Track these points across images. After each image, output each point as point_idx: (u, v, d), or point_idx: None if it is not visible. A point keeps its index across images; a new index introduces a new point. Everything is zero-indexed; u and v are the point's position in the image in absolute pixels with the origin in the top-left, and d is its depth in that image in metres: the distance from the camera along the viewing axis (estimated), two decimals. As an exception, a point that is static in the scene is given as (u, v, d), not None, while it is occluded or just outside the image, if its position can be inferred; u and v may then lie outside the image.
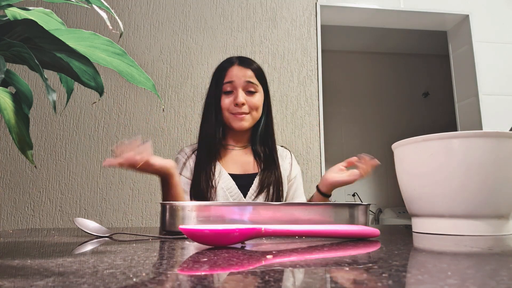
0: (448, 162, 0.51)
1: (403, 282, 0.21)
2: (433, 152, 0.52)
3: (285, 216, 0.54)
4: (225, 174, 1.00)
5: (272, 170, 1.02)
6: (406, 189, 0.58)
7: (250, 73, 1.02)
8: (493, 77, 2.14)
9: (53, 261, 0.30)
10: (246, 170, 1.03)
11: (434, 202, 0.53)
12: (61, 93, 1.77)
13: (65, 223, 1.73)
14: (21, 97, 0.38)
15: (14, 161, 1.76)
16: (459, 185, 0.50)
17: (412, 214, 0.59)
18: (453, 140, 0.51)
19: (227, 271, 0.25)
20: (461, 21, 2.23)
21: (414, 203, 0.57)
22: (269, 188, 1.00)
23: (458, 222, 0.51)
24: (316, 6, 2.07)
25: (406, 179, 0.58)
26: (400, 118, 3.39)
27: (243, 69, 1.01)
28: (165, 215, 0.57)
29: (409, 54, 3.51)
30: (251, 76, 1.01)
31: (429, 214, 0.54)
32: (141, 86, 0.41)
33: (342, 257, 0.32)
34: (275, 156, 1.05)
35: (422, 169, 0.54)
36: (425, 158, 0.53)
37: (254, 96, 1.01)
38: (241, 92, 0.99)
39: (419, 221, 0.57)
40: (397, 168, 0.60)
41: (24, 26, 0.33)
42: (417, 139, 0.54)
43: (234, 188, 0.99)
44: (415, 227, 0.58)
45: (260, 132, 1.06)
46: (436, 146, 0.52)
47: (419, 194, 0.55)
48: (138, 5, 1.97)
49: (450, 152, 0.51)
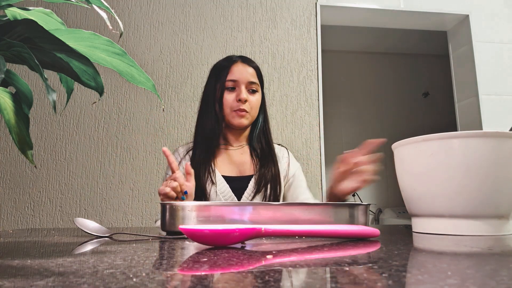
0: (448, 162, 0.51)
1: (403, 282, 0.21)
2: (433, 152, 0.52)
3: (285, 216, 0.54)
4: (219, 177, 0.99)
5: (270, 167, 1.01)
6: (406, 189, 0.58)
7: (252, 71, 1.03)
8: (493, 77, 2.14)
9: (53, 261, 0.30)
10: (242, 172, 1.02)
11: (434, 202, 0.52)
12: (61, 93, 1.77)
13: (65, 223, 1.73)
14: (21, 97, 0.38)
15: (14, 161, 1.76)
16: (459, 185, 0.50)
17: (412, 214, 0.59)
18: (453, 140, 0.51)
19: (227, 271, 0.25)
20: (461, 21, 2.23)
21: (414, 203, 0.56)
22: (266, 187, 0.99)
23: (458, 222, 0.51)
24: (316, 6, 2.07)
25: (406, 179, 0.57)
26: (400, 118, 3.39)
27: (246, 66, 1.02)
28: (165, 215, 0.57)
29: (409, 54, 3.51)
30: (253, 75, 1.02)
31: (429, 214, 0.54)
32: (141, 86, 0.41)
33: (342, 257, 0.32)
34: (272, 152, 1.05)
35: (422, 169, 0.54)
36: (425, 158, 0.53)
37: (255, 95, 1.03)
38: (244, 90, 1.00)
39: (419, 221, 0.57)
40: (397, 168, 0.60)
41: (24, 26, 0.33)
42: (417, 139, 0.54)
43: (228, 191, 0.97)
44: (415, 227, 0.58)
45: (258, 129, 1.07)
46: (436, 146, 0.52)
47: (419, 194, 0.55)
48: (138, 5, 1.97)
49: (450, 152, 0.51)
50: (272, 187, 1.00)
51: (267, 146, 1.06)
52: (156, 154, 1.84)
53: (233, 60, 1.03)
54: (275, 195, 1.00)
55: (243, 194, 0.98)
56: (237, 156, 1.05)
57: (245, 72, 1.01)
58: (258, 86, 1.03)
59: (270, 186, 0.99)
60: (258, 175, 1.00)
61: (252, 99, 1.01)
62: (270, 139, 1.08)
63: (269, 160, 1.03)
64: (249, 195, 0.98)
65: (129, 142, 1.83)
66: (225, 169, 1.02)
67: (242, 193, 0.98)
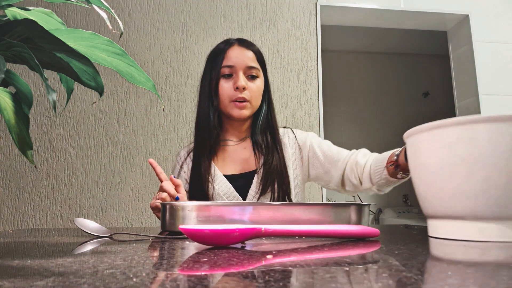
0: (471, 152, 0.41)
1: (403, 282, 0.21)
2: (452, 140, 0.43)
3: (285, 216, 0.54)
4: (221, 177, 0.92)
5: (275, 163, 0.91)
6: (420, 185, 0.49)
7: (251, 54, 0.92)
8: (493, 77, 2.14)
9: (53, 261, 0.30)
10: (245, 168, 0.94)
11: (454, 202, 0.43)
12: (61, 93, 1.77)
13: (65, 223, 1.73)
14: (21, 97, 0.38)
15: (14, 161, 1.76)
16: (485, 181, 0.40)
17: (427, 216, 0.49)
18: (478, 126, 0.41)
19: (227, 271, 0.25)
20: (461, 21, 2.23)
21: (429, 202, 0.47)
22: (274, 186, 0.89)
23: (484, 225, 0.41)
24: (316, 6, 2.07)
25: (420, 174, 0.48)
26: (400, 118, 3.39)
27: (244, 49, 0.92)
28: (165, 215, 0.57)
29: (409, 54, 3.51)
30: (252, 59, 0.92)
31: (448, 215, 0.45)
32: (141, 86, 0.41)
33: (342, 257, 0.32)
34: (278, 146, 0.94)
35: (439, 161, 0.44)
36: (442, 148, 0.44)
37: (255, 82, 0.92)
38: (242, 76, 0.90)
39: (435, 224, 0.47)
40: (410, 161, 0.51)
41: (24, 26, 0.33)
42: (432, 125, 0.45)
43: (232, 191, 0.91)
44: (431, 231, 0.48)
45: (261, 121, 0.96)
46: (455, 133, 0.42)
47: (436, 191, 0.45)
48: (138, 5, 1.97)
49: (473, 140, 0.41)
50: (280, 186, 0.90)
51: (272, 139, 0.95)
52: (156, 154, 1.84)
53: (230, 43, 0.93)
54: (285, 193, 0.91)
55: (247, 193, 0.91)
56: (239, 151, 0.96)
57: (243, 56, 0.90)
58: (258, 71, 0.93)
59: (278, 184, 0.90)
60: (263, 173, 0.90)
61: (252, 86, 0.91)
62: (276, 130, 0.97)
63: (274, 155, 0.92)
64: (256, 193, 0.90)
65: (129, 142, 1.83)
66: (226, 168, 0.95)
67: (247, 191, 0.91)
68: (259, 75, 0.94)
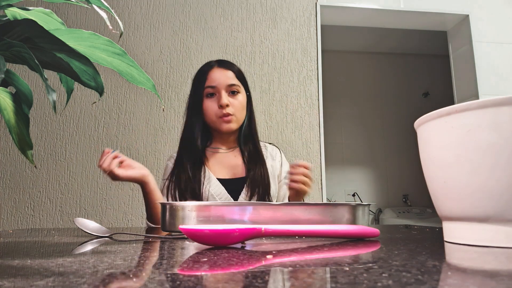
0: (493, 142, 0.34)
1: (403, 282, 0.21)
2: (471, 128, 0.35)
3: (285, 216, 0.54)
4: (214, 180, 0.98)
5: (259, 168, 1.00)
6: (433, 182, 0.41)
7: (231, 74, 1.01)
8: (493, 77, 2.14)
9: (53, 261, 0.30)
10: (236, 174, 1.01)
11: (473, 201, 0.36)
12: (61, 93, 1.77)
13: (65, 223, 1.73)
14: (21, 97, 0.38)
15: (14, 161, 1.76)
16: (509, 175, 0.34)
17: (442, 217, 0.42)
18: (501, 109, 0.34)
19: (227, 271, 0.25)
20: (461, 21, 2.23)
21: (444, 202, 0.40)
22: (259, 190, 0.97)
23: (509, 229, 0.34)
24: (316, 6, 2.07)
25: (433, 168, 0.41)
26: (400, 118, 3.38)
27: (223, 70, 1.00)
28: (165, 215, 0.57)
29: (409, 54, 3.50)
30: (232, 78, 1.00)
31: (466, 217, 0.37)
32: (141, 86, 0.41)
33: (342, 257, 0.32)
34: (259, 152, 1.03)
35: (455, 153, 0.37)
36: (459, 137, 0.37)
37: (237, 97, 1.00)
38: (224, 94, 0.98)
39: (451, 226, 0.40)
40: (422, 154, 0.44)
41: (24, 26, 0.33)
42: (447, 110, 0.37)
43: (224, 193, 0.96)
44: (448, 236, 0.41)
45: (244, 131, 1.04)
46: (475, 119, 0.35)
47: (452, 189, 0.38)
48: (138, 5, 1.97)
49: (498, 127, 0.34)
50: (263, 189, 0.98)
51: (254, 148, 1.04)
52: (156, 154, 1.84)
53: (210, 65, 1.02)
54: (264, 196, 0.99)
55: (239, 196, 0.97)
56: (230, 158, 1.04)
57: (223, 76, 0.99)
58: (239, 87, 1.01)
59: (263, 188, 0.98)
60: (249, 179, 0.98)
61: (234, 101, 0.99)
62: (256, 140, 1.06)
63: (257, 163, 1.01)
64: (246, 196, 0.97)
65: (129, 142, 1.83)
66: (219, 172, 1.01)
67: (238, 194, 0.97)
68: (240, 91, 1.01)
